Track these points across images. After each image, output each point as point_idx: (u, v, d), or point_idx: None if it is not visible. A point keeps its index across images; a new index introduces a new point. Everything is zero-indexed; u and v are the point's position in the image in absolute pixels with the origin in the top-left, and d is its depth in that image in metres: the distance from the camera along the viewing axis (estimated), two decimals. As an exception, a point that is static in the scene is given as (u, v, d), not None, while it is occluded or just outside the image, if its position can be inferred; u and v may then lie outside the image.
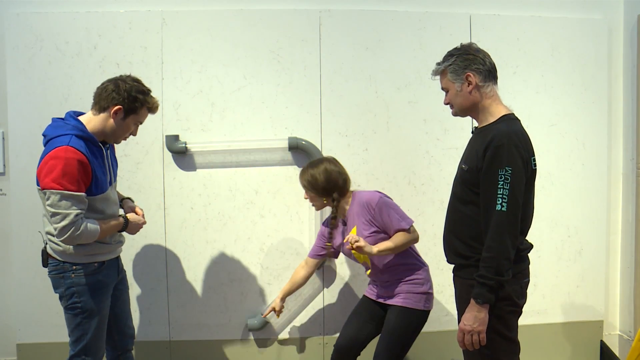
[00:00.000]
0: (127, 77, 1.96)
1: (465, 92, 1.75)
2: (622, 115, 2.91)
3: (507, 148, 1.61)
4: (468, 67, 1.73)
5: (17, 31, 2.59)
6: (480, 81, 1.73)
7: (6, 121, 2.62)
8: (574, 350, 2.92)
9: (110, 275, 2.02)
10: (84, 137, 1.86)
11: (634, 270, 2.83)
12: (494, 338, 1.68)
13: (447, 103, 1.86)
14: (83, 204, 1.83)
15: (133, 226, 2.04)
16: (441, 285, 2.81)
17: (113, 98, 1.89)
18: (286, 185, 2.72)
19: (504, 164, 1.60)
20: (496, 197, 1.60)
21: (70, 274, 1.93)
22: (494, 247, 1.62)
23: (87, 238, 1.86)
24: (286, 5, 2.70)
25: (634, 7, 2.81)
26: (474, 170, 1.70)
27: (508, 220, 1.61)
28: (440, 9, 2.77)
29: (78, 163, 1.78)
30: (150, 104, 1.96)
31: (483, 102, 1.75)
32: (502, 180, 1.60)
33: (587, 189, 2.88)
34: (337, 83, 2.72)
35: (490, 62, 1.76)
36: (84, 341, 1.94)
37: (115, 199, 2.06)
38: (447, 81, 1.80)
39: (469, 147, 1.82)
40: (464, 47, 1.78)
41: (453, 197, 1.84)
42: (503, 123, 1.70)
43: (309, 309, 2.77)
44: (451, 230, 1.83)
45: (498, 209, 1.60)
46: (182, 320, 2.71)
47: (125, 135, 1.99)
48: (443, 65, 1.79)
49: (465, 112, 1.81)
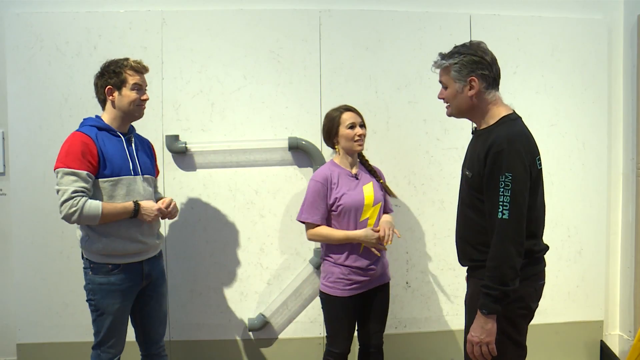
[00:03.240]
0: (103, 63, 2.05)
1: (465, 95, 1.67)
2: (622, 115, 2.92)
3: (507, 153, 1.54)
4: (474, 71, 1.64)
5: (17, 31, 2.59)
6: (484, 88, 1.66)
7: (6, 121, 2.63)
8: (574, 350, 2.92)
9: (128, 280, 2.00)
10: (99, 127, 1.99)
11: (634, 270, 2.83)
12: (502, 341, 1.62)
13: (442, 98, 1.78)
14: (85, 182, 1.88)
15: (146, 212, 1.98)
16: (441, 285, 2.81)
17: (101, 85, 2.02)
18: (286, 185, 2.72)
19: (504, 170, 1.54)
20: (497, 204, 1.54)
21: (89, 271, 2.00)
22: (497, 256, 1.56)
23: (88, 217, 1.88)
24: (286, 5, 2.70)
25: (634, 7, 2.81)
26: (477, 176, 1.64)
27: (511, 228, 1.54)
28: (440, 9, 2.77)
29: (81, 143, 1.90)
30: (130, 65, 2.01)
31: (482, 107, 1.68)
32: (503, 187, 1.54)
33: (587, 189, 2.88)
34: (337, 83, 2.72)
35: (496, 69, 1.68)
36: (99, 337, 2.01)
37: (143, 191, 2.04)
38: (448, 78, 1.70)
39: (470, 151, 1.76)
40: (473, 46, 1.68)
41: (461, 202, 1.78)
42: (503, 125, 1.63)
43: (309, 309, 2.77)
44: (461, 236, 1.79)
45: (500, 217, 1.54)
46: (182, 320, 2.71)
47: (135, 104, 2.02)
48: (448, 62, 1.68)
49: (462, 114, 1.75)
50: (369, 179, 2.22)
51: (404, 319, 2.82)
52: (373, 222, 2.16)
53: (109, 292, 1.97)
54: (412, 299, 2.82)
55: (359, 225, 2.14)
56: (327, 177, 2.14)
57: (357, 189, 2.16)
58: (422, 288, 2.82)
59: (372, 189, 2.18)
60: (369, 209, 2.15)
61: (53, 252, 2.65)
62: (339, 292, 2.13)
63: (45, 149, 2.61)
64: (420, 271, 2.82)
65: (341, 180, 2.15)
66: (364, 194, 2.15)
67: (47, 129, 2.62)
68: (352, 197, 2.13)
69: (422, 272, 2.82)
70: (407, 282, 2.81)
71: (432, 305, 2.83)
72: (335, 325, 2.18)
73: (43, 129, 2.63)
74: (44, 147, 2.61)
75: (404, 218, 2.78)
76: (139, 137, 2.18)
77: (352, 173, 2.19)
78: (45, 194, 2.58)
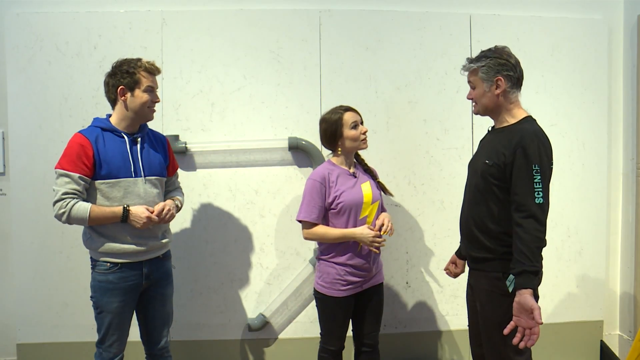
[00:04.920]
0: (115, 62, 2.03)
1: (492, 94, 1.83)
2: (622, 115, 2.92)
3: (537, 146, 1.71)
4: (500, 71, 1.81)
5: (17, 31, 2.59)
6: (509, 87, 1.82)
7: (6, 121, 2.63)
8: (574, 350, 2.92)
9: (127, 279, 2.00)
10: (102, 128, 1.99)
11: (634, 270, 2.83)
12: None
13: (470, 98, 1.92)
14: (77, 185, 1.90)
15: (134, 219, 1.94)
16: (441, 285, 2.81)
17: (112, 85, 1.99)
18: (286, 185, 2.72)
19: (536, 160, 1.70)
20: (533, 190, 1.69)
21: (92, 269, 2.02)
22: (534, 236, 1.68)
23: (76, 219, 1.90)
24: (286, 5, 2.70)
25: (634, 7, 2.81)
26: (500, 166, 1.76)
27: (543, 212, 1.70)
28: (440, 9, 2.78)
29: (78, 145, 1.91)
30: (144, 67, 2.00)
31: (506, 105, 1.84)
32: (535, 175, 1.69)
33: (587, 189, 2.88)
34: (337, 83, 2.72)
35: (520, 70, 1.84)
36: (100, 334, 2.02)
37: (144, 193, 2.01)
38: (476, 79, 1.86)
39: (489, 145, 1.87)
40: (498, 50, 1.85)
41: (475, 191, 1.88)
42: (527, 124, 1.79)
43: (309, 309, 2.77)
44: (475, 225, 1.87)
45: (537, 202, 1.68)
46: (182, 320, 2.71)
47: (146, 107, 2.01)
48: (476, 65, 1.85)
49: (488, 112, 1.89)
50: (366, 178, 2.23)
51: (404, 319, 2.82)
52: (371, 220, 2.17)
53: (108, 291, 1.98)
54: (412, 299, 2.82)
55: (359, 223, 2.14)
56: (325, 176, 2.14)
57: (356, 187, 2.16)
58: (422, 288, 2.82)
59: (369, 187, 2.20)
60: (367, 207, 2.16)
61: (53, 252, 2.65)
62: (335, 292, 2.14)
63: (45, 149, 2.61)
64: (420, 271, 2.82)
65: (340, 179, 2.15)
66: (362, 192, 2.16)
67: (47, 129, 2.62)
68: (351, 194, 2.13)
69: (422, 272, 2.82)
70: (407, 282, 2.81)
71: (432, 305, 2.83)
72: (330, 324, 2.19)
73: (43, 129, 2.63)
74: (43, 147, 2.61)
75: (404, 218, 2.78)
76: (152, 135, 2.14)
77: (350, 172, 2.20)
78: (45, 194, 2.58)
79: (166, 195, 2.20)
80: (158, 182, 2.09)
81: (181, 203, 2.21)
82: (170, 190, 2.24)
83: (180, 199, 2.22)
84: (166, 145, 2.20)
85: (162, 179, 2.13)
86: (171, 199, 2.16)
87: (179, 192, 2.27)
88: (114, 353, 2.02)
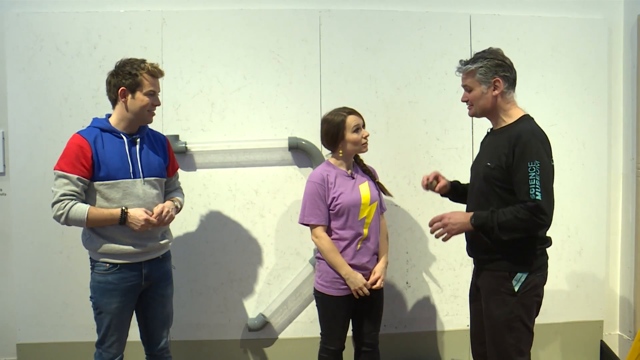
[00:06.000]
0: (119, 62, 2.01)
1: (489, 95, 1.84)
2: (622, 115, 2.92)
3: (534, 143, 1.73)
4: (497, 72, 1.82)
5: (17, 31, 2.59)
6: (506, 88, 1.84)
7: (6, 121, 2.63)
8: (574, 350, 2.92)
9: (126, 280, 1.99)
10: (101, 128, 1.98)
11: (634, 270, 2.83)
12: (519, 327, 1.78)
13: (465, 101, 1.93)
14: (75, 186, 1.89)
15: (132, 221, 1.92)
16: (441, 285, 2.81)
17: (114, 85, 1.97)
18: (286, 185, 2.72)
19: (534, 158, 1.71)
20: (529, 187, 1.70)
21: (91, 269, 2.02)
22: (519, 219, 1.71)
23: (74, 220, 1.90)
24: (286, 5, 2.70)
25: (634, 7, 2.81)
26: (502, 168, 1.78)
27: (542, 206, 1.70)
28: (440, 9, 2.77)
29: (76, 147, 1.91)
30: (147, 69, 1.98)
31: (503, 106, 1.86)
32: (533, 173, 1.70)
33: (587, 189, 2.88)
34: (337, 83, 2.72)
35: (514, 71, 1.87)
36: (100, 335, 2.02)
37: (143, 194, 1.99)
38: (473, 81, 1.86)
39: (490, 147, 1.89)
40: (492, 52, 1.87)
41: (479, 195, 1.89)
42: (524, 122, 1.81)
43: (309, 309, 2.77)
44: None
45: (533, 197, 1.70)
46: (182, 320, 2.71)
47: (146, 110, 2.00)
48: (474, 66, 1.84)
49: (485, 113, 1.90)
50: (364, 179, 2.23)
51: (404, 319, 2.82)
52: (370, 221, 2.17)
53: (107, 291, 1.97)
54: (412, 299, 2.82)
55: (357, 224, 2.14)
56: (324, 177, 2.15)
57: (354, 188, 2.17)
58: (422, 288, 2.82)
59: (367, 188, 2.20)
60: (366, 208, 2.16)
61: (53, 252, 2.65)
62: (335, 291, 2.14)
63: (45, 149, 2.61)
64: (420, 271, 2.82)
65: (338, 180, 2.16)
66: (360, 193, 2.16)
67: (47, 129, 2.62)
68: (349, 196, 2.13)
69: (422, 272, 2.82)
70: (407, 282, 2.81)
71: (432, 305, 2.83)
72: (330, 324, 2.20)
73: (43, 129, 2.63)
74: (43, 147, 2.61)
75: (404, 218, 2.78)
76: (152, 136, 2.13)
77: (348, 173, 2.20)
78: (45, 194, 2.56)
79: (166, 196, 2.20)
80: (157, 183, 2.08)
81: (181, 204, 2.20)
82: (170, 190, 2.23)
83: (180, 200, 2.21)
84: (166, 146, 2.19)
85: (162, 180, 2.12)
86: (170, 200, 2.15)
87: (179, 193, 2.26)
88: (113, 353, 2.02)
